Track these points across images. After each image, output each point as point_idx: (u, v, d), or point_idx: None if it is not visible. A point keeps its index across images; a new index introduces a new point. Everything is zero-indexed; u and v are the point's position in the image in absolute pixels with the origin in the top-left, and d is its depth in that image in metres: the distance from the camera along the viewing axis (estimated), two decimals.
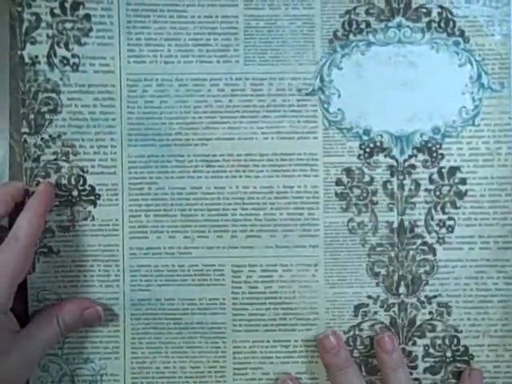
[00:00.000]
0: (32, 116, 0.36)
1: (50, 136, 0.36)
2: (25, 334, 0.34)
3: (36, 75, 0.36)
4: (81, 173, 0.37)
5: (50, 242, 0.37)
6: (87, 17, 0.36)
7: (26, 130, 0.36)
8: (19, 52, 0.36)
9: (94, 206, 0.37)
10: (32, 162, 0.36)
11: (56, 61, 0.36)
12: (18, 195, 0.35)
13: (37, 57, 0.36)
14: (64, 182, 0.37)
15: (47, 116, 0.36)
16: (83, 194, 0.37)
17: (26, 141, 0.36)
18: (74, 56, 0.36)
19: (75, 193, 0.37)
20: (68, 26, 0.36)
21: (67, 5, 0.36)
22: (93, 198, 0.37)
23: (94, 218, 0.37)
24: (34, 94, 0.36)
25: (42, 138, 0.36)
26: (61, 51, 0.36)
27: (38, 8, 0.36)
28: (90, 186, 0.37)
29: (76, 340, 0.37)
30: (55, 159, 0.36)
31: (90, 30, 0.36)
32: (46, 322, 0.35)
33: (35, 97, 0.36)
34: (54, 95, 0.36)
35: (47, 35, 0.36)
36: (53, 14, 0.36)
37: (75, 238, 0.37)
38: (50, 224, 0.36)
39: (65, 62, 0.36)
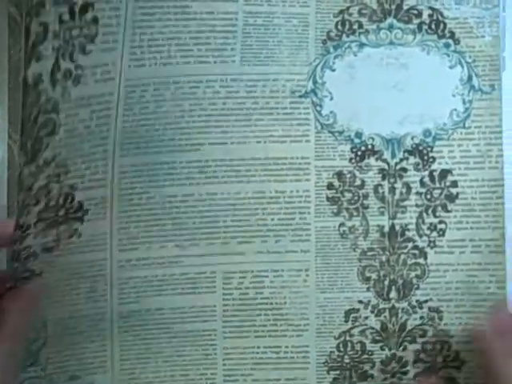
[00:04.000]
0: (30, 143, 0.31)
1: (44, 161, 0.32)
2: None
3: (38, 96, 0.31)
4: (70, 191, 0.33)
5: (33, 266, 0.33)
6: (95, 20, 0.33)
7: (24, 160, 0.31)
8: (23, 73, 0.31)
9: (81, 223, 0.34)
10: (25, 191, 0.31)
11: (59, 76, 0.32)
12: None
13: (40, 75, 0.31)
14: (52, 203, 0.33)
15: (45, 140, 0.32)
16: (70, 211, 0.34)
17: (22, 172, 0.31)
18: (77, 67, 0.33)
19: (62, 212, 0.33)
20: (75, 33, 0.33)
21: (76, 8, 0.33)
22: (80, 214, 0.34)
23: (80, 235, 0.34)
24: (35, 118, 0.31)
25: (37, 166, 0.32)
26: (65, 64, 0.33)
27: (47, 16, 0.31)
28: (78, 202, 0.34)
29: (60, 360, 0.35)
30: (46, 184, 0.32)
31: (96, 34, 0.33)
32: None
33: (35, 120, 0.31)
34: (53, 115, 0.32)
35: (53, 47, 0.32)
36: (61, 21, 0.33)
37: (59, 257, 0.34)
38: (34, 248, 0.32)
39: (68, 75, 0.33)
